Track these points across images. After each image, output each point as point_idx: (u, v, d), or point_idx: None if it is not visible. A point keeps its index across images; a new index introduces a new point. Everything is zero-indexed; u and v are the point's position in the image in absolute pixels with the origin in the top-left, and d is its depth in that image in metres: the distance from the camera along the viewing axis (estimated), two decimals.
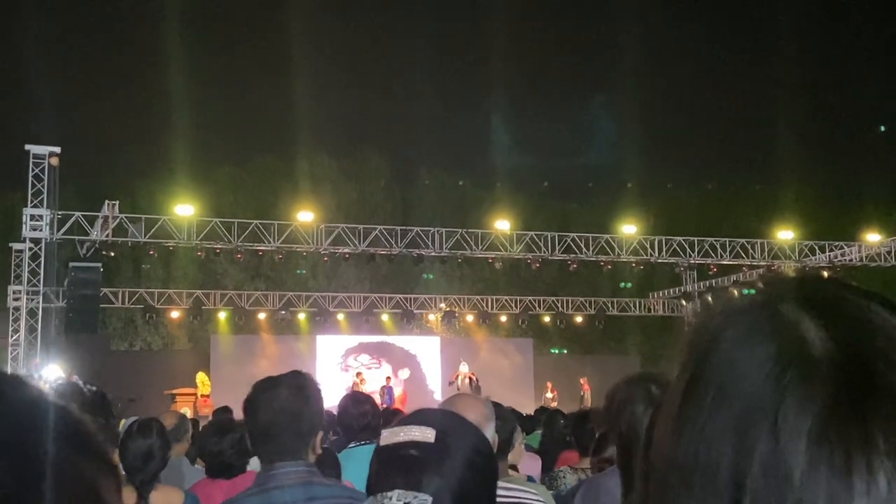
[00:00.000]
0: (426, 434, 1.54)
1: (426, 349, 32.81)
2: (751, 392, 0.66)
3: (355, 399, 4.69)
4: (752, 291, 0.76)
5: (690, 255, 30.12)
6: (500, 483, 2.64)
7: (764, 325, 0.69)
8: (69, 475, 0.59)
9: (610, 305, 35.68)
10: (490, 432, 2.92)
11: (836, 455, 0.62)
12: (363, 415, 4.59)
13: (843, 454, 0.61)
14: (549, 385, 29.11)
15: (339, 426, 5.54)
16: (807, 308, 0.69)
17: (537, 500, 3.33)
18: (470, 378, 27.17)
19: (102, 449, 0.64)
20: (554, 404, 24.18)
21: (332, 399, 5.13)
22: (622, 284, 39.74)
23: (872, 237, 31.89)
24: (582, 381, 29.14)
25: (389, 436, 1.59)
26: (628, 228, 30.96)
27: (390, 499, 1.49)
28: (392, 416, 6.53)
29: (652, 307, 36.38)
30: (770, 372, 0.66)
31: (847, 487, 0.61)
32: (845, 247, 31.30)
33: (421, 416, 1.65)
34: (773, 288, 0.74)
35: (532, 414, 11.35)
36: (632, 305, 36.48)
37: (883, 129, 49.69)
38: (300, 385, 2.77)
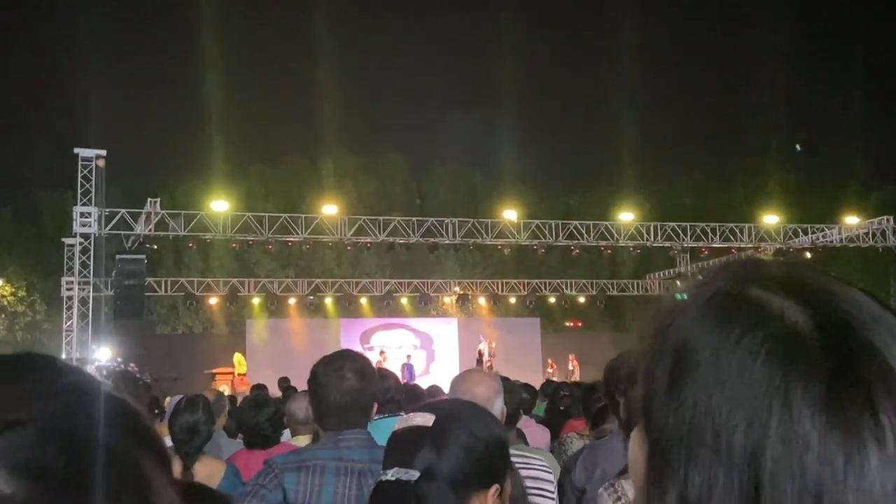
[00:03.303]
0: (426, 420, 1.60)
1: (443, 330, 32.88)
2: (751, 372, 0.67)
3: (379, 375, 4.73)
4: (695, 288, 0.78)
5: (683, 240, 30.01)
6: None
7: (741, 311, 0.71)
8: (120, 462, 0.57)
9: (610, 286, 35.61)
10: (499, 404, 2.96)
11: (848, 417, 0.64)
12: (387, 389, 4.64)
13: (854, 416, 0.64)
14: (550, 361, 29.28)
15: None
16: (774, 289, 0.72)
17: (541, 467, 3.37)
18: (490, 356, 27.34)
19: (154, 436, 0.64)
20: (554, 378, 24.35)
21: None
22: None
23: (851, 220, 31.71)
24: (570, 357, 29.25)
25: (400, 423, 1.64)
26: (626, 216, 30.87)
27: (387, 474, 1.57)
28: (412, 392, 6.57)
29: (648, 288, 36.30)
30: (767, 353, 0.67)
31: (860, 444, 0.63)
32: (826, 229, 31.12)
33: (431, 405, 1.70)
34: (725, 274, 0.76)
35: (540, 387, 11.37)
36: (630, 286, 36.41)
37: (798, 148, 48.63)
38: (362, 368, 2.93)
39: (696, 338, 0.72)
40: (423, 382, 11.20)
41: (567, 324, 39.87)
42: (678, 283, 34.08)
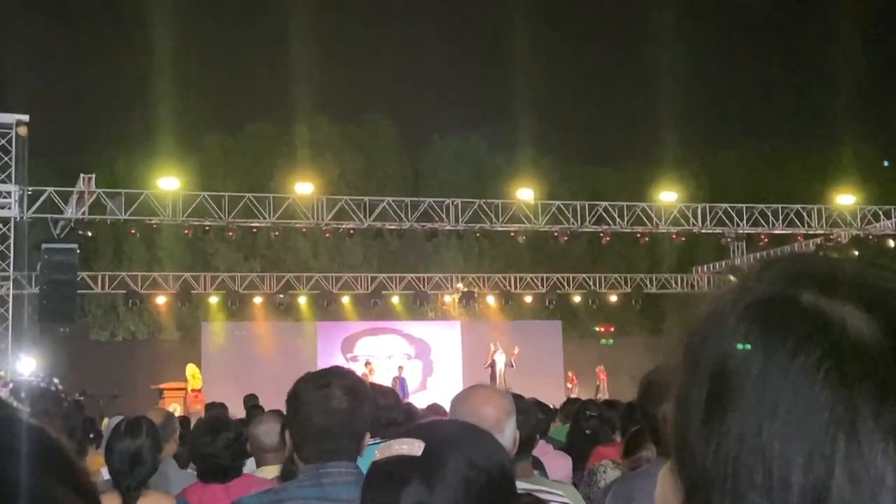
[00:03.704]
0: (413, 448, 1.57)
1: (443, 336, 32.92)
2: (808, 395, 0.67)
3: (377, 391, 4.74)
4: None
5: (738, 225, 30.01)
6: (522, 484, 2.68)
7: (793, 322, 0.70)
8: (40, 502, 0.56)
9: (648, 282, 35.62)
10: (511, 428, 2.96)
11: None
12: (389, 409, 4.65)
13: None
14: (570, 374, 29.39)
15: None
16: (831, 292, 0.71)
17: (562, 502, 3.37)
18: (508, 365, 27.53)
19: (79, 473, 0.64)
20: (574, 394, 24.54)
21: None
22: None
23: None
24: (598, 369, 29.35)
25: (381, 451, 1.61)
26: (668, 195, 30.84)
27: None
28: (405, 412, 6.59)
29: (695, 284, 36.32)
30: (827, 372, 0.67)
31: None
32: None
33: (419, 429, 1.67)
34: (772, 274, 0.76)
35: (562, 405, 11.38)
36: (672, 282, 36.43)
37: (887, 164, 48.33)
38: (353, 385, 2.93)
39: (737, 355, 0.71)
40: (419, 401, 11.24)
41: (596, 328, 39.91)
42: (732, 277, 34.09)
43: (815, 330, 0.69)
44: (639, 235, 30.19)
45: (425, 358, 32.54)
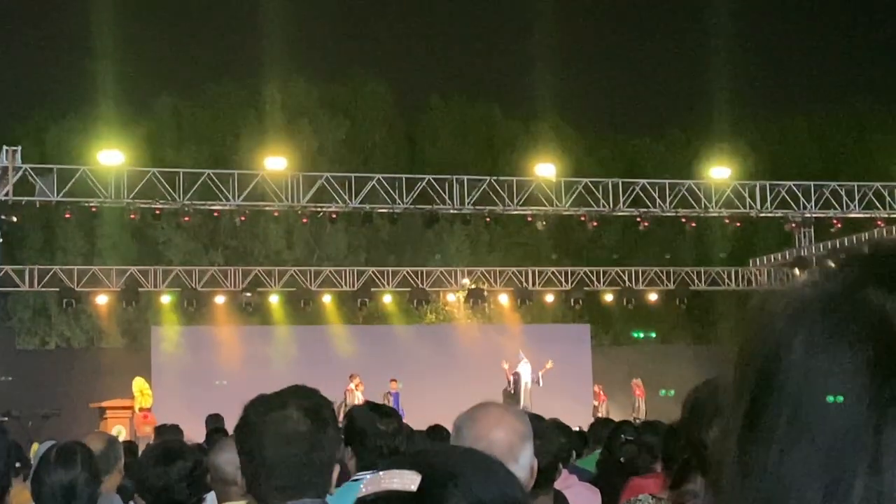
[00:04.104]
0: (406, 481, 1.54)
1: (445, 342, 32.92)
2: (839, 418, 0.66)
3: (381, 411, 4.72)
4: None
5: (805, 207, 29.97)
6: None
7: (848, 324, 0.69)
8: None
9: (695, 277, 35.59)
10: (527, 456, 2.96)
11: None
12: (391, 434, 4.62)
13: None
14: (596, 389, 29.36)
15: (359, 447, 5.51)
16: None
17: None
18: (535, 382, 27.62)
19: None
20: (602, 413, 24.55)
21: None
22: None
23: None
24: (634, 383, 29.32)
25: (368, 485, 1.59)
26: (719, 171, 30.80)
27: None
28: (407, 438, 6.59)
29: (754, 278, 36.30)
30: (864, 388, 0.66)
31: None
32: None
33: (415, 458, 1.65)
34: (847, 269, 0.75)
35: (590, 427, 11.40)
36: (725, 277, 36.40)
37: None
38: (315, 406, 2.92)
39: (785, 364, 0.71)
40: (416, 421, 11.22)
41: (634, 334, 39.91)
42: (798, 272, 34.03)
43: (867, 334, 0.68)
44: (684, 220, 30.17)
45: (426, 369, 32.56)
